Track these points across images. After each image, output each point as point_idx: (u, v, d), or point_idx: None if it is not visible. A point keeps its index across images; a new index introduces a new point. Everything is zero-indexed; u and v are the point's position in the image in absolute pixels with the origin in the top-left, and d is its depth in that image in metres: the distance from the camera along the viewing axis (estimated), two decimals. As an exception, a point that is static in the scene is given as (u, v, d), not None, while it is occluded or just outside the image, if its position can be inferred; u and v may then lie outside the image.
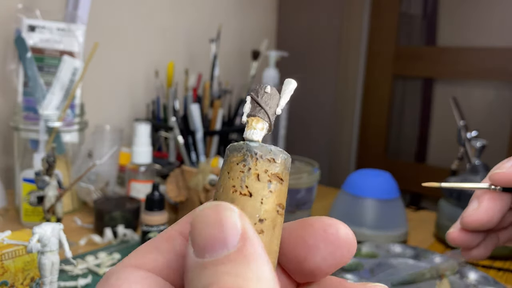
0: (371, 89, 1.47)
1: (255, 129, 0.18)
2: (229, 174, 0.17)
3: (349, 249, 0.18)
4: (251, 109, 0.18)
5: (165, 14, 1.15)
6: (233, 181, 0.17)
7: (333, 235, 0.18)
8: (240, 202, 0.17)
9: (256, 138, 0.18)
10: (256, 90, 0.18)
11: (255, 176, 0.17)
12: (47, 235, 0.37)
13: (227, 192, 0.17)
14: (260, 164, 0.17)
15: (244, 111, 0.18)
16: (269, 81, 0.98)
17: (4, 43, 0.83)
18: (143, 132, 0.76)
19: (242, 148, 0.17)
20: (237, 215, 0.15)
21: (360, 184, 0.73)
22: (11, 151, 0.85)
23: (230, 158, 0.17)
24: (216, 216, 0.14)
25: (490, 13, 1.33)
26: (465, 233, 0.34)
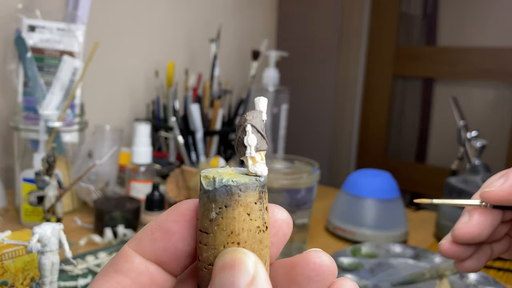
0: (371, 89, 1.47)
1: (264, 164, 0.17)
2: (250, 215, 0.17)
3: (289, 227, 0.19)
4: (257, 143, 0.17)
5: (165, 14, 1.15)
6: (256, 222, 0.17)
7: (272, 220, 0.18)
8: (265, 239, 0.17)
9: (266, 173, 0.17)
10: (255, 119, 0.17)
11: (266, 210, 0.17)
12: (47, 235, 0.37)
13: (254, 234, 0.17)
14: (267, 197, 0.17)
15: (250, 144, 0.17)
16: (269, 81, 0.98)
17: (4, 43, 0.83)
18: (143, 132, 0.76)
19: (257, 186, 0.17)
20: (253, 262, 0.16)
21: (360, 184, 0.73)
22: (11, 151, 0.85)
23: (246, 198, 0.17)
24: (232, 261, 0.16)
25: (490, 13, 1.33)
26: (456, 245, 0.34)
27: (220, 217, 0.17)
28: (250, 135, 0.17)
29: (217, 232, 0.17)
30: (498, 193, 0.31)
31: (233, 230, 0.16)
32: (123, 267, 0.18)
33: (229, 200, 0.17)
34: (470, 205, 0.33)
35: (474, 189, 0.67)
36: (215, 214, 0.17)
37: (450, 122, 0.92)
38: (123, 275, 0.18)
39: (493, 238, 0.35)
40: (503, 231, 0.35)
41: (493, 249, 0.35)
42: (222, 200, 0.17)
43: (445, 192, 0.73)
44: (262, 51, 1.04)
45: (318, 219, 0.80)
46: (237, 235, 0.17)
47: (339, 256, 0.62)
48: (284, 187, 0.63)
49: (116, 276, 0.18)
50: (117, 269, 0.18)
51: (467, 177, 0.74)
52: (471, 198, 0.34)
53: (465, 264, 0.34)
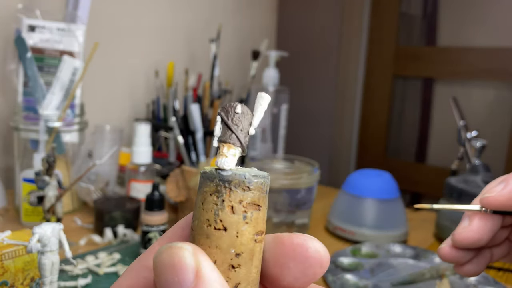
0: (371, 89, 1.47)
1: (226, 157, 0.17)
2: (203, 205, 0.16)
3: (322, 265, 0.18)
4: (222, 133, 0.17)
5: (165, 14, 1.15)
6: (207, 214, 0.16)
7: (302, 254, 0.17)
8: (214, 237, 0.16)
9: (228, 167, 0.17)
10: (226, 110, 0.17)
11: (229, 209, 0.16)
12: (47, 235, 0.37)
13: (202, 226, 0.16)
14: (234, 195, 0.16)
15: (215, 134, 0.17)
16: (269, 81, 0.98)
17: (4, 43, 0.83)
18: (143, 132, 0.76)
19: (215, 178, 0.16)
20: (191, 254, 0.15)
21: (360, 184, 0.73)
22: (11, 151, 0.85)
23: (203, 188, 0.17)
24: (170, 259, 0.15)
25: (490, 13, 1.33)
26: (456, 250, 0.34)
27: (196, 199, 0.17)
28: (217, 124, 0.17)
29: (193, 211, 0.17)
30: (498, 199, 0.31)
31: (194, 214, 0.17)
32: (151, 263, 0.17)
33: (199, 187, 0.17)
34: (471, 210, 0.33)
35: (474, 189, 0.68)
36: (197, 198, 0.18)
37: (450, 122, 0.92)
38: (150, 271, 0.17)
39: (493, 243, 0.35)
40: (503, 236, 0.35)
41: (492, 253, 0.35)
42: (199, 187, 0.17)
43: (445, 192, 0.73)
44: (262, 51, 1.04)
45: (318, 219, 0.80)
46: (194, 220, 0.17)
47: (339, 256, 0.62)
48: (284, 187, 0.63)
49: (143, 271, 0.18)
50: (145, 265, 0.18)
51: (467, 177, 0.74)
52: (472, 202, 0.34)
53: (465, 268, 0.34)
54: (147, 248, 0.57)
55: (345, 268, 0.59)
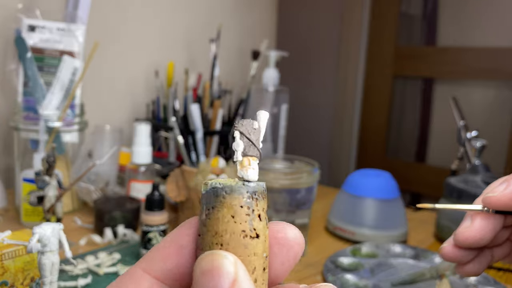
0: (371, 89, 1.47)
1: (253, 169, 0.18)
2: (234, 218, 0.17)
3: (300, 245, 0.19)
4: (245, 147, 0.18)
5: (165, 14, 1.15)
6: (241, 225, 0.17)
7: (283, 238, 0.19)
8: (251, 246, 0.17)
9: (255, 178, 0.18)
10: (244, 127, 0.18)
11: (257, 217, 0.17)
12: (47, 235, 0.37)
13: (238, 237, 0.17)
14: (259, 204, 0.18)
15: (236, 148, 0.18)
16: (269, 81, 0.98)
17: (4, 43, 0.83)
18: (143, 132, 0.76)
19: (243, 190, 0.17)
20: (232, 263, 0.16)
21: (360, 184, 0.73)
22: (11, 151, 0.85)
23: (230, 201, 0.17)
24: (210, 265, 0.16)
25: (490, 13, 1.33)
26: (458, 249, 0.34)
27: (208, 219, 0.17)
28: (237, 140, 0.18)
29: (206, 233, 0.17)
30: (500, 199, 0.32)
31: (217, 231, 0.17)
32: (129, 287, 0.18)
33: (215, 202, 0.17)
34: (473, 210, 0.33)
35: (474, 189, 0.68)
36: (205, 216, 0.18)
37: (450, 122, 0.92)
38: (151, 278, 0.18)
39: (494, 243, 0.35)
40: (504, 236, 0.35)
41: (493, 254, 0.35)
42: (210, 202, 0.17)
43: (445, 192, 0.73)
44: (262, 51, 1.04)
45: (318, 219, 0.80)
46: (220, 236, 0.17)
47: (339, 256, 0.62)
48: (284, 187, 0.63)
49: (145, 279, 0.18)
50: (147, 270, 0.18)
51: (467, 177, 0.74)
52: (474, 202, 0.34)
53: (466, 268, 0.35)
54: (147, 248, 0.57)
55: (345, 268, 0.59)
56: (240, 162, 0.18)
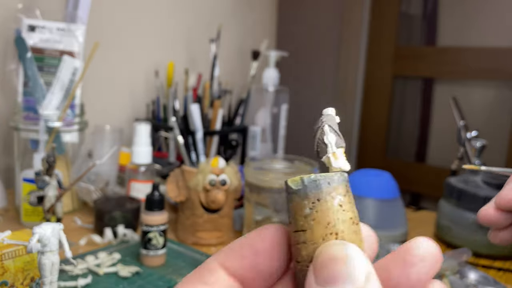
0: (371, 89, 1.47)
1: (345, 160, 0.18)
2: (342, 207, 0.17)
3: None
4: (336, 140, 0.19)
5: (165, 14, 1.15)
6: (349, 213, 0.17)
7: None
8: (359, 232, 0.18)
9: (348, 169, 0.18)
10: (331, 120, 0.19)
11: (353, 204, 0.18)
12: (47, 235, 0.37)
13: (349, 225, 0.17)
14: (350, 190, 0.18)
15: (330, 142, 0.19)
16: (269, 81, 0.98)
17: (4, 43, 0.83)
18: (143, 132, 0.76)
19: (344, 180, 0.18)
20: (365, 257, 0.16)
21: (360, 184, 0.72)
22: (11, 151, 0.85)
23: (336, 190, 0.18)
24: (345, 253, 0.16)
25: (490, 13, 1.33)
26: (499, 212, 0.35)
27: (315, 211, 0.17)
28: (329, 133, 0.18)
29: (314, 226, 0.17)
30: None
31: (329, 221, 0.17)
32: (209, 280, 0.18)
33: (321, 194, 0.17)
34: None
35: (474, 189, 0.68)
36: (309, 210, 0.17)
37: (450, 122, 0.92)
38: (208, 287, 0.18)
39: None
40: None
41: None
42: (314, 195, 0.17)
43: (445, 192, 0.73)
44: (262, 51, 1.04)
45: (318, 219, 0.80)
46: (333, 226, 0.17)
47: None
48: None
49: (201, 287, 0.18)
50: (203, 281, 0.18)
51: (467, 177, 0.73)
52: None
53: (501, 234, 0.35)
54: (147, 248, 0.57)
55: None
56: (334, 153, 0.18)
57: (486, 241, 0.66)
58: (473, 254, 0.63)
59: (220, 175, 0.65)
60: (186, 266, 0.59)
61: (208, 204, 0.65)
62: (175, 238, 0.69)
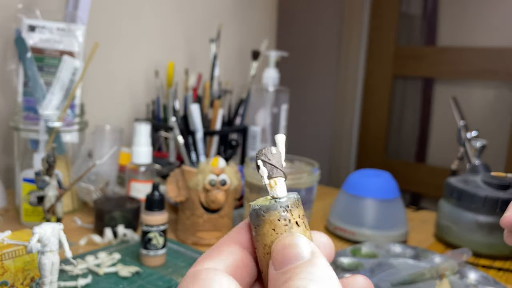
0: (371, 89, 1.47)
1: (280, 188, 0.21)
2: (275, 230, 0.20)
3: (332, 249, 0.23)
4: (269, 172, 0.21)
5: (165, 14, 1.15)
6: (282, 235, 0.20)
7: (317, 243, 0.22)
8: None
9: (283, 195, 0.21)
10: (264, 155, 0.21)
11: (295, 224, 0.21)
12: (47, 235, 0.37)
13: None
14: (295, 213, 0.21)
15: (262, 175, 0.21)
16: (269, 81, 0.98)
17: (4, 43, 0.83)
18: (143, 132, 0.76)
19: (277, 206, 0.21)
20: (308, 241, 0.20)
21: (360, 184, 0.72)
22: (11, 151, 0.85)
23: (269, 217, 0.21)
24: (292, 240, 0.20)
25: (490, 13, 1.33)
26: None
27: (257, 235, 0.21)
28: (261, 168, 0.21)
29: (258, 247, 0.21)
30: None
31: (265, 243, 0.21)
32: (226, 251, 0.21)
33: (258, 221, 0.21)
34: None
35: (474, 189, 0.68)
36: (254, 233, 0.21)
37: (450, 122, 0.92)
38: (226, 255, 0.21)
39: None
40: None
41: None
42: (254, 221, 0.21)
43: (445, 192, 0.73)
44: (262, 51, 1.04)
45: (318, 219, 0.80)
46: (268, 247, 0.20)
47: (339, 256, 0.62)
48: (284, 187, 0.63)
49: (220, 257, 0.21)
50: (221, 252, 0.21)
51: (467, 177, 0.73)
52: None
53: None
54: (147, 248, 0.57)
55: (345, 268, 0.59)
56: (268, 184, 0.21)
57: (486, 241, 0.66)
58: (473, 254, 0.63)
59: (220, 175, 0.65)
60: (186, 266, 0.59)
61: (208, 204, 0.65)
62: (175, 238, 0.69)
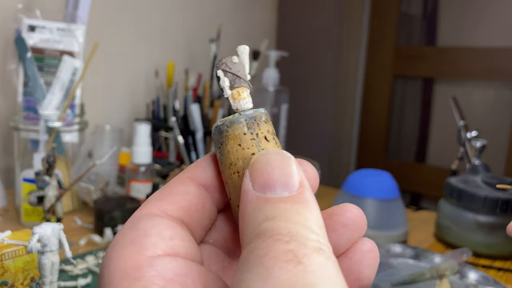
0: (371, 89, 1.47)
1: (245, 99, 0.19)
2: (241, 145, 0.18)
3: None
4: (231, 82, 0.19)
5: (165, 14, 1.15)
6: (249, 149, 0.18)
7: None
8: None
9: (250, 106, 0.19)
10: (224, 64, 0.19)
11: (264, 139, 0.19)
12: (47, 235, 0.37)
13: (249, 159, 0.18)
14: (263, 127, 0.19)
15: (223, 85, 0.19)
16: (269, 81, 0.98)
17: (4, 43, 0.83)
18: (143, 132, 0.76)
19: (242, 119, 0.19)
20: (297, 166, 0.17)
21: (360, 184, 0.72)
22: (11, 151, 0.85)
23: (233, 132, 0.18)
24: (281, 162, 0.17)
25: (490, 13, 1.33)
26: None
27: (221, 155, 0.19)
28: (222, 78, 0.19)
29: (223, 168, 0.19)
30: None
31: (231, 162, 0.18)
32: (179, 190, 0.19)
33: (221, 138, 0.19)
34: None
35: (474, 189, 0.68)
36: (219, 155, 0.19)
37: (450, 122, 0.92)
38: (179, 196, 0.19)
39: None
40: None
41: None
42: (218, 140, 0.19)
43: (445, 192, 0.73)
44: (262, 51, 1.04)
45: (318, 219, 0.80)
46: (234, 165, 0.18)
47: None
48: (284, 187, 0.63)
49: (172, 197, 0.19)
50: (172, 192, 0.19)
51: (467, 177, 0.73)
52: None
53: None
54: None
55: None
56: (231, 96, 0.19)
57: (486, 241, 0.66)
58: (473, 254, 0.63)
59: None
60: (186, 266, 0.59)
61: (208, 204, 0.65)
62: (175, 238, 0.69)
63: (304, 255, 0.14)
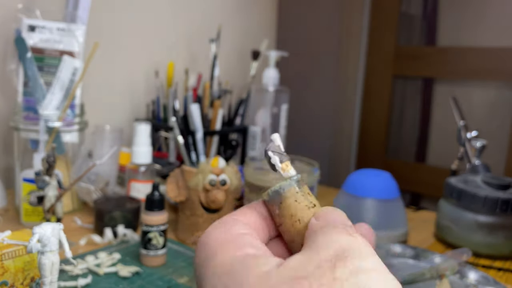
0: (371, 89, 1.47)
1: (291, 169, 0.26)
2: (297, 201, 0.25)
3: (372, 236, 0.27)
4: (279, 159, 0.26)
5: (165, 14, 1.15)
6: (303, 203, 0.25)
7: None
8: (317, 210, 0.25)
9: (294, 173, 0.26)
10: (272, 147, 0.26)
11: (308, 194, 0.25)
12: (47, 235, 0.37)
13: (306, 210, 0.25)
14: (305, 187, 0.26)
15: (275, 162, 0.26)
16: (269, 81, 0.98)
17: (4, 43, 0.83)
18: (143, 132, 0.76)
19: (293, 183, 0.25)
20: None
21: (360, 184, 0.72)
22: (11, 151, 0.85)
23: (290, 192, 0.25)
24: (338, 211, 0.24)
25: (490, 13, 1.33)
26: None
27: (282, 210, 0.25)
28: (272, 157, 0.26)
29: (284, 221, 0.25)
30: None
31: (291, 213, 0.25)
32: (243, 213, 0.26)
33: (280, 198, 0.25)
34: None
35: (474, 189, 0.68)
36: (277, 211, 0.25)
37: (450, 122, 0.92)
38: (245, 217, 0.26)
39: None
40: None
41: None
42: (276, 201, 0.25)
43: (445, 192, 0.73)
44: (262, 51, 1.04)
45: (318, 219, 0.80)
46: (295, 215, 0.24)
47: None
48: (284, 187, 0.63)
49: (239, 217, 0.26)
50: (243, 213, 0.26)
51: (467, 177, 0.73)
52: None
53: None
54: (147, 248, 0.57)
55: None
56: (281, 168, 0.26)
57: (486, 241, 0.66)
58: (473, 254, 0.63)
59: (220, 175, 0.65)
60: (186, 266, 0.59)
61: (208, 204, 0.65)
62: (175, 238, 0.69)
63: None
